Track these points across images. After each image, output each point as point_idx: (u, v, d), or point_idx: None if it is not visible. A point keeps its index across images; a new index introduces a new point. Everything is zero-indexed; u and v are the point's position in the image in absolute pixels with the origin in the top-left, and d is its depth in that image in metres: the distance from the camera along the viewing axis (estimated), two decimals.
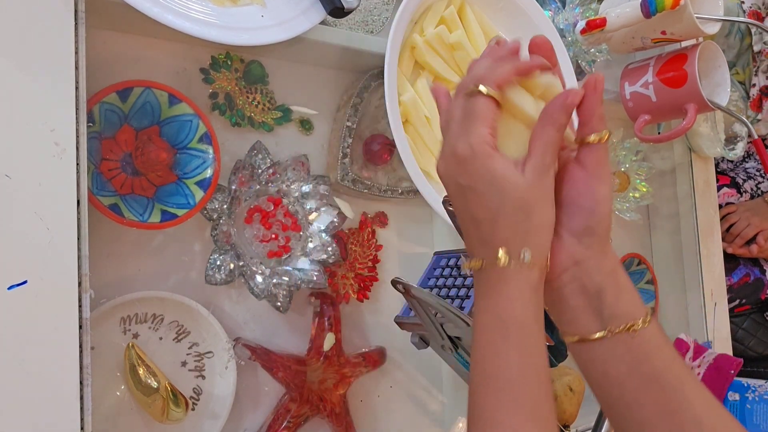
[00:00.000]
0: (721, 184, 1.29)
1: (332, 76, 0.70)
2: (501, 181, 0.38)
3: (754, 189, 1.29)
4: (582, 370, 0.43)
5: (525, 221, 0.38)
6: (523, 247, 0.38)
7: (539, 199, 0.38)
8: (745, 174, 1.30)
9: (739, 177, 1.30)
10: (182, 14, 0.52)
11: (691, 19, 0.76)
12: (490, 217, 0.39)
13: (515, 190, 0.38)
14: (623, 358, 0.40)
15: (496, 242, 0.39)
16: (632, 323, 0.40)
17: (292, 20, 0.58)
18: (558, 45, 0.73)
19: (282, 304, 0.61)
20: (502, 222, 0.38)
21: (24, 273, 0.42)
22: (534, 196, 0.38)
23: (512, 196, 0.38)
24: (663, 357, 0.40)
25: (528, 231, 0.38)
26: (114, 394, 0.54)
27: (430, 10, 0.67)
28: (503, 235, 0.38)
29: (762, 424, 0.93)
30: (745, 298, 1.25)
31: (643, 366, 0.40)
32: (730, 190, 1.29)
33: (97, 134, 0.53)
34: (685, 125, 0.81)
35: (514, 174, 0.38)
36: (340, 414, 0.63)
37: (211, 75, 0.61)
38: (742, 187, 1.30)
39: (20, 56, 0.44)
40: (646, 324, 0.40)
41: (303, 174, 0.63)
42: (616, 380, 0.40)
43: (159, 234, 0.58)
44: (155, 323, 0.56)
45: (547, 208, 0.39)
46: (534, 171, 0.38)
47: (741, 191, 1.30)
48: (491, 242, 0.39)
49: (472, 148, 0.38)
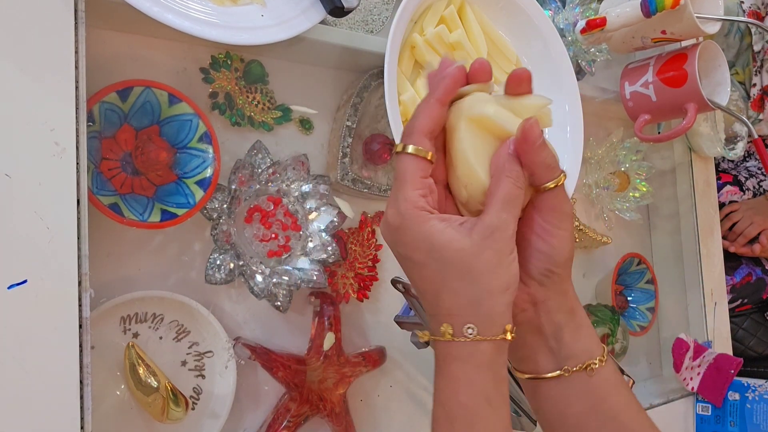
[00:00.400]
0: (723, 181, 1.29)
1: (332, 75, 0.70)
2: (440, 249, 0.34)
3: (757, 187, 1.29)
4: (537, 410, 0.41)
5: (471, 289, 0.34)
6: (469, 319, 0.34)
7: (489, 263, 0.34)
8: (746, 172, 1.30)
9: (741, 175, 1.30)
10: (182, 14, 0.52)
11: (691, 18, 0.76)
12: (432, 289, 0.36)
13: (457, 257, 0.34)
14: (581, 398, 0.39)
15: (441, 316, 0.35)
16: (590, 362, 0.39)
17: (292, 20, 0.58)
18: (558, 44, 0.73)
19: (282, 304, 0.61)
20: (444, 293, 0.35)
21: (24, 272, 0.42)
22: (482, 260, 0.34)
23: (454, 264, 0.34)
24: (620, 398, 0.39)
25: (475, 301, 0.34)
26: (114, 393, 0.54)
27: (430, 10, 0.67)
28: (447, 308, 0.35)
29: (762, 423, 0.93)
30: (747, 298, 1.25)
31: (601, 406, 0.39)
32: (732, 188, 1.29)
33: (97, 134, 0.53)
34: (685, 125, 0.81)
35: (455, 238, 0.34)
36: (340, 414, 0.63)
37: (211, 74, 0.61)
38: (744, 185, 1.30)
39: (20, 56, 0.44)
40: (603, 363, 0.39)
41: (303, 173, 0.63)
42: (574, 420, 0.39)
43: (159, 233, 0.58)
44: (155, 323, 0.56)
45: (500, 270, 0.35)
46: (485, 231, 0.34)
47: (743, 189, 1.30)
48: (436, 315, 0.36)
49: (402, 216, 0.35)
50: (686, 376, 0.98)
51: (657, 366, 1.06)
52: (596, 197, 0.95)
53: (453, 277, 0.35)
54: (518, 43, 0.73)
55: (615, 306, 0.93)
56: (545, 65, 0.73)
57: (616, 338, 0.90)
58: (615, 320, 0.91)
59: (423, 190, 0.36)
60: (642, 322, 0.98)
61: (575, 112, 0.74)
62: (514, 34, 0.73)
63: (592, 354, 0.39)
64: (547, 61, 0.73)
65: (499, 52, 0.72)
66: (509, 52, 0.72)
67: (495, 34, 0.71)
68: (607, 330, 0.90)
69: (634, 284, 1.01)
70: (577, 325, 0.39)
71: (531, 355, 0.40)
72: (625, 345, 0.92)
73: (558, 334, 0.39)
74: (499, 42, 0.71)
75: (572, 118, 0.73)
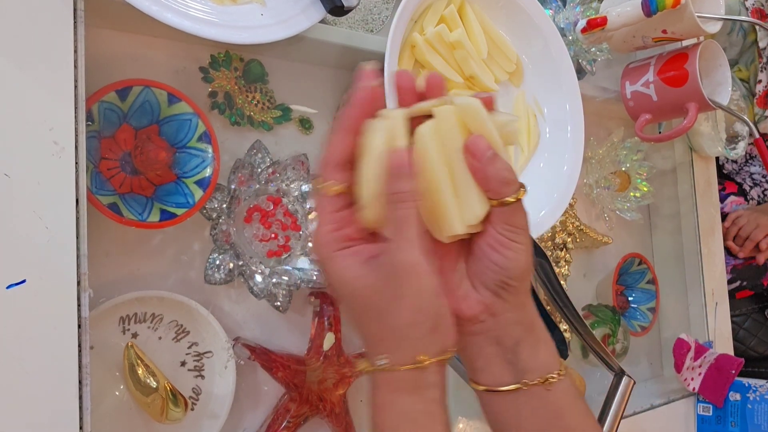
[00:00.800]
0: (728, 192, 1.29)
1: (332, 74, 0.70)
2: (346, 286, 0.35)
3: (761, 196, 1.29)
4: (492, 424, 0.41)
5: (377, 325, 0.35)
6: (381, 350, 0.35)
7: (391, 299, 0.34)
8: (751, 180, 1.30)
9: (746, 183, 1.30)
10: (181, 13, 0.52)
11: (692, 18, 0.76)
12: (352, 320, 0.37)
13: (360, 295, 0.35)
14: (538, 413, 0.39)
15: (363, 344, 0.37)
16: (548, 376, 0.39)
17: (291, 19, 0.58)
18: (559, 44, 0.73)
19: (281, 304, 0.61)
20: (359, 327, 0.36)
21: (23, 272, 0.42)
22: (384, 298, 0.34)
23: (358, 301, 0.35)
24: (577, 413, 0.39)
25: (382, 336, 0.35)
26: (113, 393, 0.53)
27: (430, 9, 0.67)
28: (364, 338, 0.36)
29: (763, 424, 0.93)
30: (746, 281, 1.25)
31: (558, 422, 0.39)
32: (737, 198, 1.29)
33: (96, 133, 0.53)
34: (686, 124, 0.81)
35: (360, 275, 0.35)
36: (339, 414, 0.63)
37: (211, 74, 0.61)
38: (749, 194, 1.30)
39: (19, 55, 0.43)
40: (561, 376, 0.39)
41: (303, 173, 0.63)
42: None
43: (158, 233, 0.58)
44: (154, 323, 0.56)
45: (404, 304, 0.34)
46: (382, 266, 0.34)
47: (748, 199, 1.30)
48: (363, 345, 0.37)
49: (318, 252, 0.36)
50: (687, 376, 0.98)
51: (658, 366, 1.06)
52: (597, 197, 0.95)
53: (361, 312, 0.35)
54: (519, 43, 0.73)
55: (616, 306, 0.93)
56: (546, 64, 0.73)
57: (616, 338, 0.90)
58: (616, 320, 0.90)
59: (332, 225, 0.36)
60: (643, 323, 0.98)
61: (576, 111, 0.73)
62: (515, 33, 0.72)
63: (550, 368, 0.39)
64: (547, 60, 0.73)
65: (499, 51, 0.71)
66: (510, 52, 0.72)
67: (495, 33, 0.71)
68: (607, 330, 0.89)
69: (634, 284, 1.01)
70: (535, 340, 0.39)
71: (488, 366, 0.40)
72: (625, 345, 0.92)
73: (516, 348, 0.39)
74: (499, 41, 0.71)
75: (573, 118, 0.73)
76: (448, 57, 0.68)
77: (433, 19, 0.66)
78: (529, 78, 0.74)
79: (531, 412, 0.39)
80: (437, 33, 0.65)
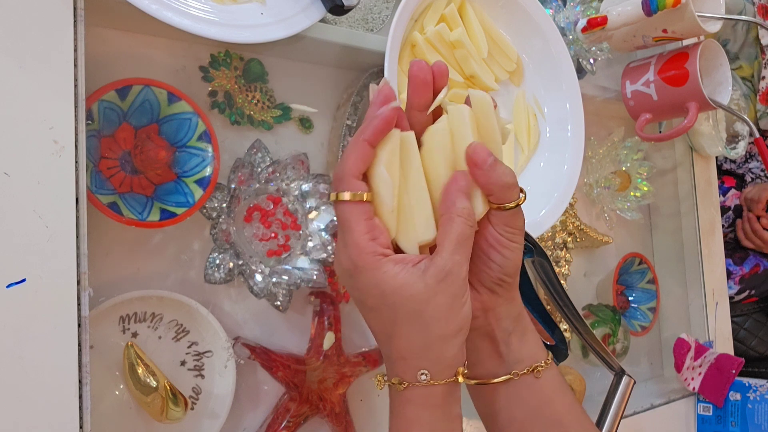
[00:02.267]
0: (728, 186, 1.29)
1: (332, 74, 0.70)
2: (391, 295, 0.34)
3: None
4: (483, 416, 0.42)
5: (422, 335, 0.35)
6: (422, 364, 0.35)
7: (440, 307, 0.34)
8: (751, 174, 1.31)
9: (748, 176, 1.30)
10: (181, 12, 0.52)
11: (692, 17, 0.76)
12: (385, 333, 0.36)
13: (409, 303, 0.34)
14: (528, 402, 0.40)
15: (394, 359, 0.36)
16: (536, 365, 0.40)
17: (291, 18, 0.58)
18: (559, 43, 0.73)
19: (281, 303, 0.61)
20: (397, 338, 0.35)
21: (22, 271, 0.42)
22: (434, 306, 0.34)
23: (405, 309, 0.34)
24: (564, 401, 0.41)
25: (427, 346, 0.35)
26: (113, 393, 0.53)
27: (431, 8, 0.66)
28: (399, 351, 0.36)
29: (763, 423, 0.93)
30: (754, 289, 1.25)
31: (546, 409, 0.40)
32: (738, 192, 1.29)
33: (96, 132, 0.53)
34: (686, 124, 0.81)
35: (408, 282, 0.34)
36: (339, 414, 0.63)
37: (211, 73, 0.61)
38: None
39: (19, 54, 0.43)
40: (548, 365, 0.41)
41: (303, 172, 0.63)
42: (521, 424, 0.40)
43: (158, 233, 0.58)
44: (154, 322, 0.56)
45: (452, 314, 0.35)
46: (438, 274, 0.34)
47: None
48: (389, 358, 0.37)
49: (353, 263, 0.35)
50: (687, 376, 0.98)
51: (658, 366, 1.06)
52: (597, 197, 0.95)
53: (405, 322, 0.35)
54: (519, 42, 0.73)
55: (616, 306, 0.93)
56: (546, 64, 0.73)
57: (617, 338, 0.90)
58: (616, 320, 0.90)
59: (371, 233, 0.35)
60: (643, 322, 0.98)
61: (576, 111, 0.73)
62: (515, 32, 0.72)
63: (537, 357, 0.41)
64: (547, 59, 0.73)
65: (499, 50, 0.71)
66: (510, 51, 0.72)
67: (495, 32, 0.71)
68: (608, 330, 0.89)
69: (635, 284, 1.01)
70: (523, 330, 0.41)
71: (481, 360, 0.41)
72: (626, 345, 0.92)
73: (507, 339, 0.40)
74: (499, 40, 0.71)
75: (573, 117, 0.73)
76: (448, 56, 0.68)
77: (434, 18, 0.66)
78: (530, 77, 0.74)
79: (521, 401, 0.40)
80: (437, 32, 0.65)
